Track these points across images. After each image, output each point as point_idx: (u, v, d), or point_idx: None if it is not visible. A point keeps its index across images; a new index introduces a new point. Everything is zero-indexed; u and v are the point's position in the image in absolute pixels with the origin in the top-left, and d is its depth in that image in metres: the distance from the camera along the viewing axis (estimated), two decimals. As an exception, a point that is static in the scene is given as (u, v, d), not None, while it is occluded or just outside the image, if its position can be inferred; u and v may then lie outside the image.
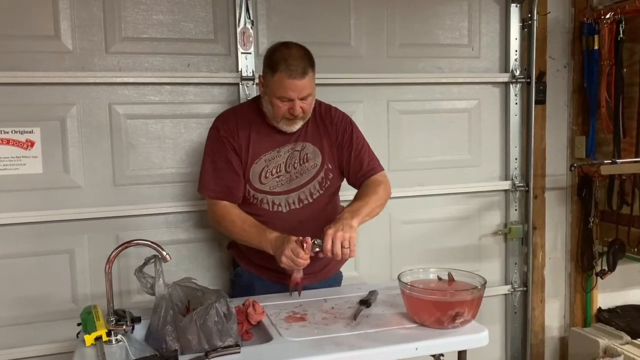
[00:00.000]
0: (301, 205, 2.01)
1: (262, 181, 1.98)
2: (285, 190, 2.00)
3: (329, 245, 1.74)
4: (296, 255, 1.75)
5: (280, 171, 1.99)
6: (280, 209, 2.00)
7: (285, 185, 2.00)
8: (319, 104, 2.04)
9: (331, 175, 2.04)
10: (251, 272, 2.10)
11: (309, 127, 2.01)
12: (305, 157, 2.01)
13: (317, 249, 1.78)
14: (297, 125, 1.95)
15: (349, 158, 2.04)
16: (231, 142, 1.96)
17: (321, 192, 2.03)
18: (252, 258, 2.06)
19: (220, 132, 1.97)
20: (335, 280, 2.19)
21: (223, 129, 1.97)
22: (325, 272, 2.11)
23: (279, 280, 1.98)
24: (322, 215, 1.98)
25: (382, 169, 2.09)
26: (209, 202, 2.03)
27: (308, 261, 1.78)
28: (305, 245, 1.75)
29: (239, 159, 1.97)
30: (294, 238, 1.78)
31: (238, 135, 1.97)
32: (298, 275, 1.86)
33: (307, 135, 2.01)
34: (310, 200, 2.02)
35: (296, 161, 2.00)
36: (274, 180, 1.99)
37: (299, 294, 1.90)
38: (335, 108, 2.10)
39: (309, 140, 2.01)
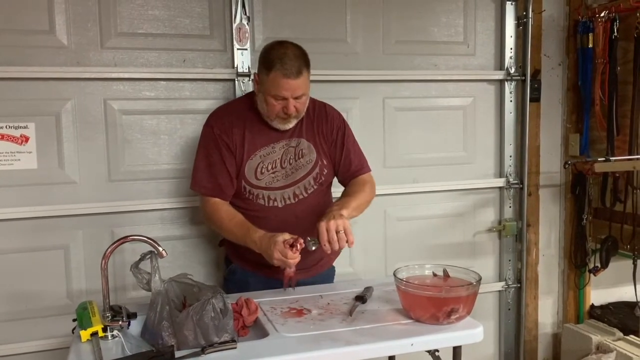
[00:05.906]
0: (296, 200, 2.02)
1: (257, 177, 1.99)
2: (281, 186, 2.01)
3: (325, 237, 1.75)
4: (285, 257, 1.76)
5: (276, 167, 2.00)
6: (275, 204, 2.01)
7: (282, 181, 2.01)
8: (312, 101, 2.05)
9: (325, 170, 2.06)
10: (245, 268, 2.10)
11: (303, 124, 2.03)
12: (300, 152, 2.02)
13: (314, 247, 1.79)
14: (291, 124, 1.96)
15: (340, 157, 2.08)
16: (225, 140, 1.96)
17: (315, 187, 2.05)
18: (245, 254, 2.05)
19: (214, 130, 1.97)
20: (328, 274, 2.21)
21: (217, 127, 1.98)
22: (318, 266, 2.12)
23: (272, 275, 1.98)
24: (317, 209, 1.99)
25: (369, 170, 2.13)
26: (201, 199, 2.04)
27: (299, 258, 1.79)
28: (297, 246, 1.76)
29: (232, 156, 1.97)
30: (280, 238, 1.77)
31: (232, 132, 1.97)
32: (291, 270, 1.86)
33: (301, 132, 2.03)
34: (305, 195, 2.03)
35: (291, 157, 2.01)
36: (270, 176, 2.00)
37: (293, 288, 1.91)
38: (330, 105, 2.12)
39: (303, 137, 2.03)
